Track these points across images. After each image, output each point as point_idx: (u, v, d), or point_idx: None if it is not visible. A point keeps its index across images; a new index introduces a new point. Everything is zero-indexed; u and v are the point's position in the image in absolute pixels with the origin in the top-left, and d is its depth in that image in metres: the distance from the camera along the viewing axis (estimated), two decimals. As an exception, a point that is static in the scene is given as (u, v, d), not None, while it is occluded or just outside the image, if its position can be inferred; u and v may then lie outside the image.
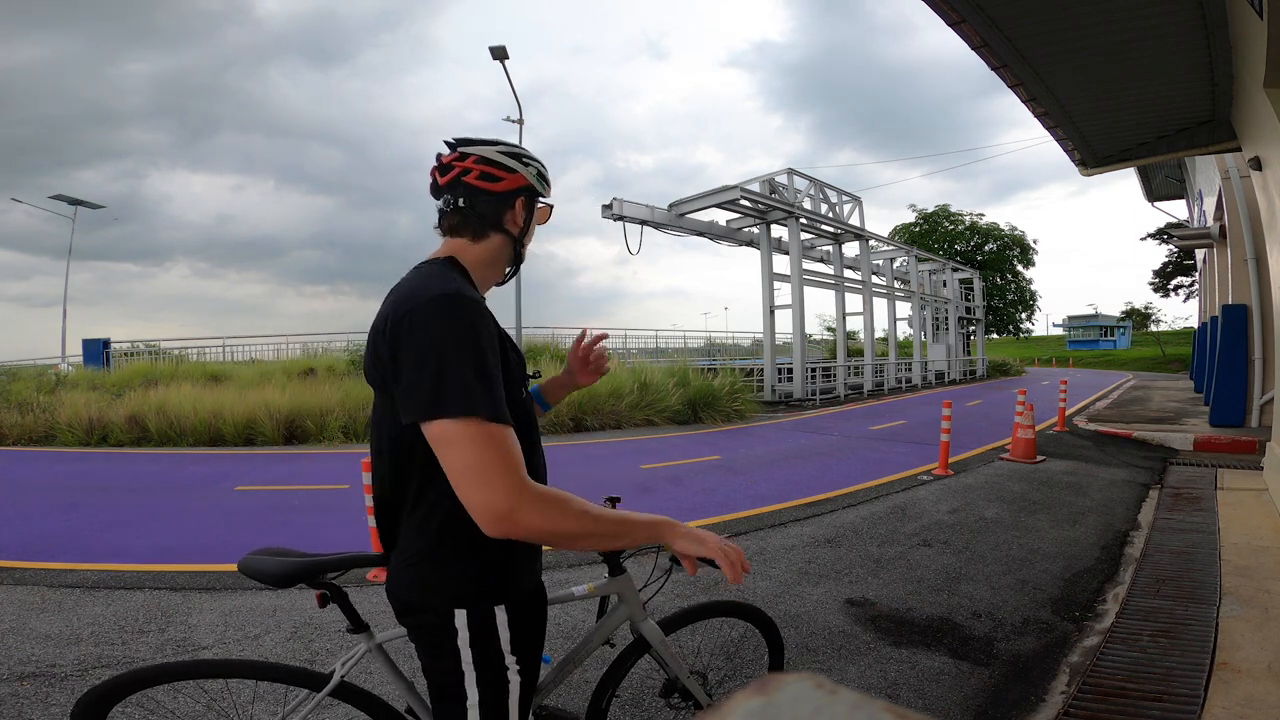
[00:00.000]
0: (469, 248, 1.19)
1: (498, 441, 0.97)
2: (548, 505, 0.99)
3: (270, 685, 1.69)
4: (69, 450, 8.64)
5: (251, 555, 1.38)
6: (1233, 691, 2.32)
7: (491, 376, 1.00)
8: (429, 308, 1.01)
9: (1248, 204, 8.57)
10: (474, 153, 1.18)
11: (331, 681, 1.36)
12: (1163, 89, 5.08)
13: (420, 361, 0.99)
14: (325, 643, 2.89)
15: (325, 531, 4.63)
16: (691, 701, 1.76)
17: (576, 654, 1.56)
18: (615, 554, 1.56)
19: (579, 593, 1.55)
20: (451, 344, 0.99)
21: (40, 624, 3.07)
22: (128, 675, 1.30)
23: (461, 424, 0.96)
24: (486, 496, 0.96)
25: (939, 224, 37.62)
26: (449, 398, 0.96)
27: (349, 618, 1.39)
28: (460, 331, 1.00)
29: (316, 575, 1.33)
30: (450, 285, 1.05)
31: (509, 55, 12.27)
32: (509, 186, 1.19)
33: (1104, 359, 45.56)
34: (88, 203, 24.07)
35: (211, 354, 19.69)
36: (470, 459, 0.96)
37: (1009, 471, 6.66)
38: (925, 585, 3.56)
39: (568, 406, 10.31)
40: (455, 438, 0.96)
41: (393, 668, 1.41)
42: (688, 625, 1.77)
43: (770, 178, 15.68)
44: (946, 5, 3.80)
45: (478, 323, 1.03)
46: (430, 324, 1.00)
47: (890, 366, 20.45)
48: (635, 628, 1.62)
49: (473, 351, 0.99)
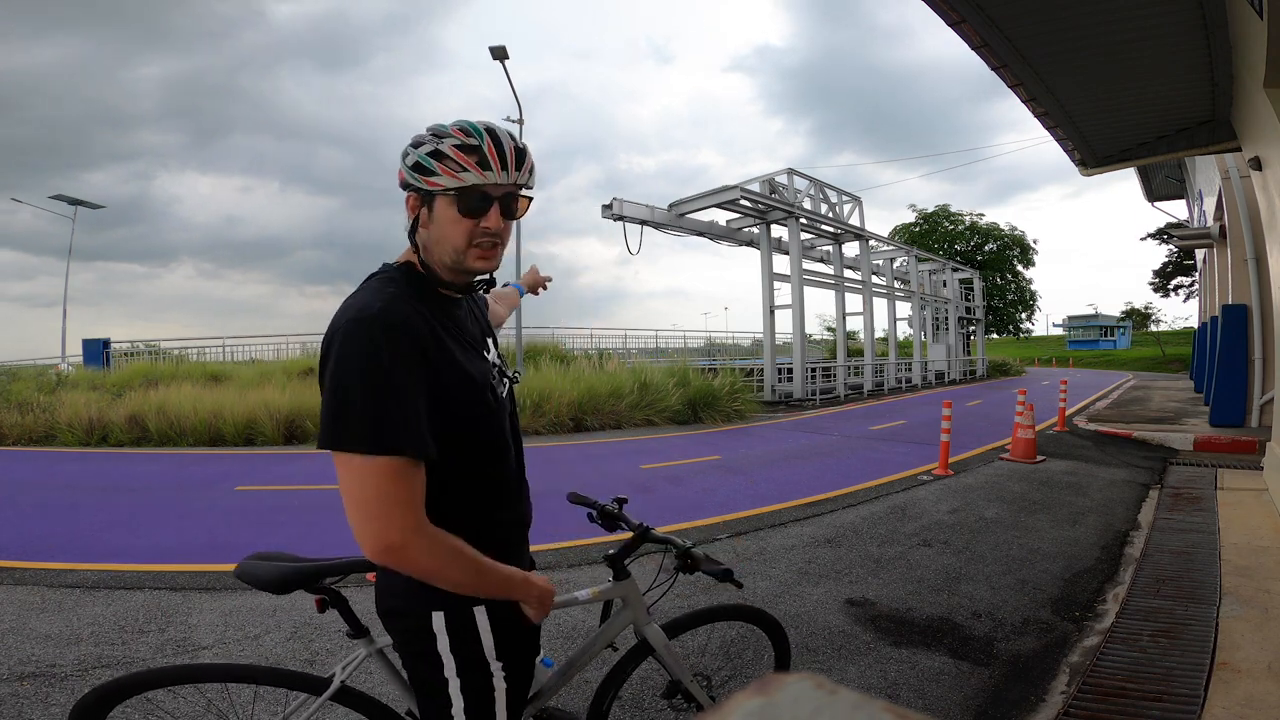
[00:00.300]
0: (411, 250, 1.12)
1: (394, 476, 0.94)
2: (438, 550, 0.99)
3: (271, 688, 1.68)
4: (69, 450, 8.64)
5: (248, 560, 1.36)
6: (1233, 691, 2.32)
7: (400, 406, 0.95)
8: (343, 331, 0.97)
9: (1248, 204, 8.56)
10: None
11: (332, 685, 1.35)
12: (1163, 89, 5.08)
13: (329, 388, 0.96)
14: (326, 643, 2.89)
15: (325, 532, 4.63)
16: (694, 704, 1.75)
17: (579, 658, 1.55)
18: (620, 557, 1.55)
19: (583, 597, 1.53)
20: (356, 372, 0.94)
21: (40, 624, 3.07)
22: (127, 678, 1.30)
23: (359, 458, 0.93)
24: (377, 528, 0.94)
25: (939, 224, 37.63)
26: (348, 430, 0.93)
27: (348, 623, 1.38)
28: (368, 358, 0.94)
29: (315, 580, 1.33)
30: (372, 305, 0.98)
31: (509, 55, 12.30)
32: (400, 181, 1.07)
33: (1104, 359, 45.56)
34: (87, 203, 24.05)
35: (211, 354, 19.68)
36: (366, 492, 0.94)
37: (1009, 471, 6.66)
38: (925, 585, 3.56)
39: (568, 407, 10.32)
40: (352, 470, 0.94)
41: (393, 672, 1.40)
42: (692, 629, 1.77)
43: (770, 178, 15.68)
44: (946, 5, 3.80)
45: (392, 348, 0.95)
46: (342, 350, 0.96)
47: (890, 366, 20.44)
48: (639, 631, 1.61)
49: (379, 380, 0.94)
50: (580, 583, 3.52)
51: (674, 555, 1.59)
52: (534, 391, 10.31)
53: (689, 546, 1.57)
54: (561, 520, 3.98)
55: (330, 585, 1.36)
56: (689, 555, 1.55)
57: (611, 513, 1.61)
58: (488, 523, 1.13)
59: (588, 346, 20.17)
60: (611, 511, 1.61)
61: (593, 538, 4.21)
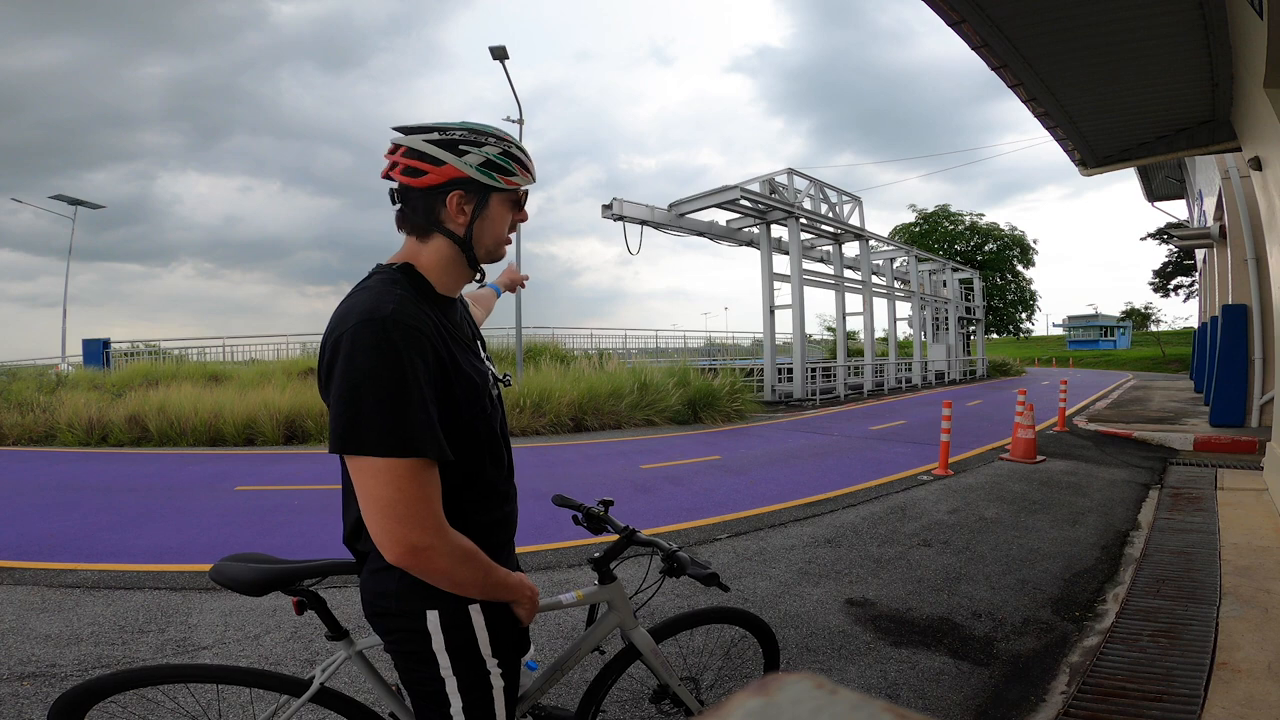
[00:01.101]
0: (420, 250, 1.10)
1: (416, 478, 0.95)
2: (457, 552, 1.00)
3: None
4: (69, 450, 8.64)
5: (224, 561, 1.35)
6: (1233, 691, 2.32)
7: (418, 408, 0.95)
8: (353, 334, 0.95)
9: (1248, 204, 8.57)
10: (404, 143, 1.06)
11: (311, 687, 1.34)
12: (1163, 89, 5.08)
13: (340, 392, 0.95)
14: (325, 643, 2.88)
15: (325, 532, 4.63)
16: (682, 708, 1.74)
17: (565, 661, 1.52)
18: (605, 561, 1.54)
19: (567, 600, 1.51)
20: (370, 375, 0.93)
21: (40, 624, 3.07)
22: (106, 677, 1.29)
23: (380, 461, 0.93)
24: (404, 530, 0.94)
25: (939, 224, 37.64)
26: (365, 433, 0.93)
27: (327, 625, 1.37)
28: (381, 361, 0.94)
29: (292, 582, 1.31)
30: (383, 306, 0.97)
31: (509, 55, 12.31)
32: (435, 181, 1.05)
33: (1104, 359, 45.57)
34: (87, 202, 24.05)
35: (211, 354, 19.69)
36: (389, 493, 0.94)
37: (1009, 471, 6.66)
38: (925, 585, 3.56)
39: (568, 407, 10.33)
40: (374, 473, 0.94)
41: (373, 674, 1.39)
42: (681, 632, 1.75)
43: (770, 178, 15.68)
44: (946, 5, 3.80)
45: (407, 349, 0.96)
46: (353, 353, 0.95)
47: (890, 366, 20.44)
48: (625, 635, 1.59)
49: (397, 382, 0.94)
50: (579, 583, 3.52)
51: (660, 558, 1.57)
52: (534, 392, 10.31)
53: (675, 549, 1.56)
54: (564, 520, 3.97)
55: (308, 587, 1.34)
56: (674, 558, 1.53)
57: (597, 515, 1.59)
58: (481, 524, 1.13)
59: (588, 346, 20.19)
60: (597, 514, 1.59)
61: (595, 539, 4.21)
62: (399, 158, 1.06)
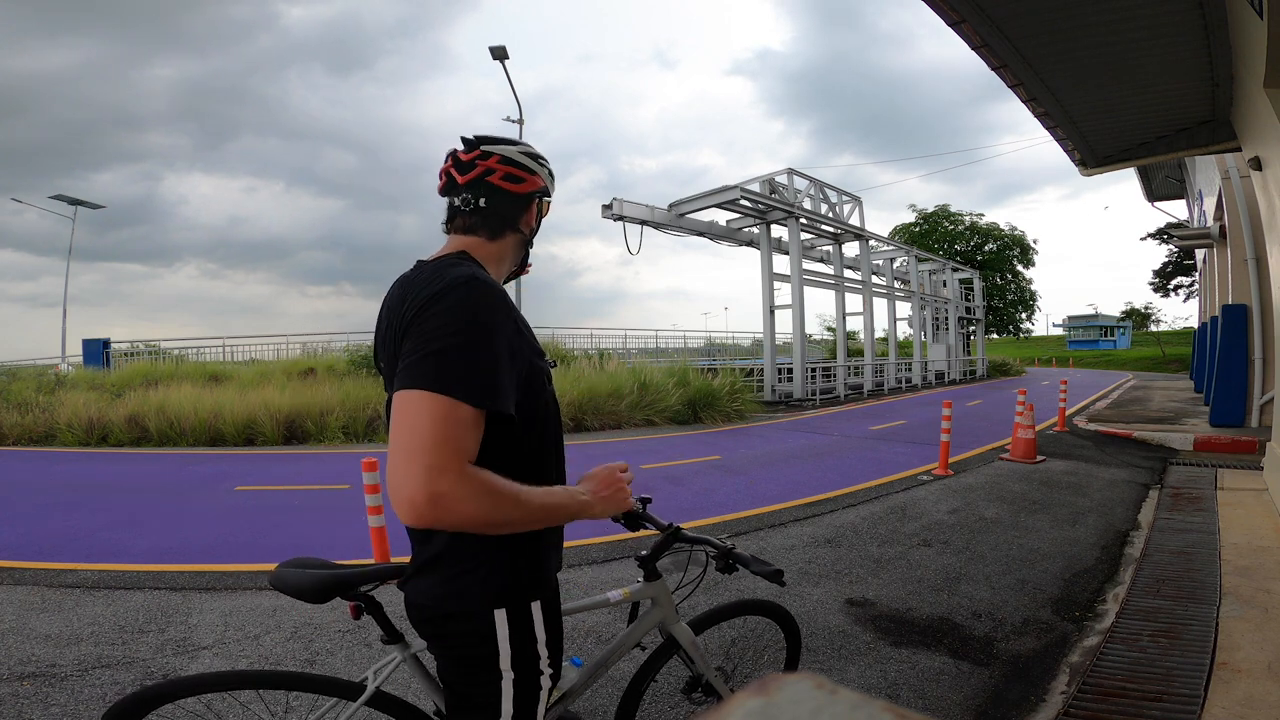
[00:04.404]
0: (484, 245, 1.16)
1: (461, 421, 0.91)
2: (483, 494, 0.91)
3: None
4: (69, 450, 8.64)
5: (283, 567, 1.34)
6: (1233, 691, 2.32)
7: (494, 363, 0.97)
8: (455, 289, 0.99)
9: (1248, 204, 8.56)
10: (497, 152, 1.16)
11: (367, 690, 1.33)
12: (1163, 89, 5.08)
13: (427, 338, 0.95)
14: (325, 643, 2.89)
15: (325, 532, 4.63)
16: (715, 697, 1.77)
17: (608, 658, 1.53)
18: (651, 559, 1.55)
19: (615, 598, 1.53)
20: (462, 324, 0.96)
21: (40, 624, 3.07)
22: (160, 686, 1.28)
23: (432, 396, 0.90)
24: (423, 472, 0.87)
25: (939, 224, 37.63)
26: (437, 372, 0.92)
27: (384, 629, 1.36)
28: (476, 314, 0.97)
29: (353, 587, 1.31)
30: (479, 271, 1.06)
31: (508, 55, 12.32)
32: (530, 188, 1.19)
33: (1104, 359, 45.56)
34: (87, 202, 24.05)
35: (211, 354, 19.68)
36: (422, 427, 0.89)
37: (1009, 471, 6.66)
38: (925, 585, 3.56)
39: (568, 407, 10.32)
40: (416, 406, 0.90)
41: (427, 676, 1.38)
42: (717, 624, 1.80)
43: (770, 178, 15.67)
44: (947, 6, 3.80)
45: (498, 309, 1.01)
46: (450, 304, 0.97)
47: (890, 366, 20.44)
48: (666, 629, 1.62)
49: (482, 335, 0.96)
50: (595, 580, 3.52)
51: (711, 555, 1.58)
52: (534, 391, 10.29)
53: (731, 546, 1.55)
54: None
55: (365, 592, 1.34)
56: (732, 555, 1.54)
57: (635, 512, 1.51)
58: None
59: (588, 346, 20.18)
60: (635, 511, 1.50)
61: (606, 535, 4.21)
62: (495, 165, 1.15)
